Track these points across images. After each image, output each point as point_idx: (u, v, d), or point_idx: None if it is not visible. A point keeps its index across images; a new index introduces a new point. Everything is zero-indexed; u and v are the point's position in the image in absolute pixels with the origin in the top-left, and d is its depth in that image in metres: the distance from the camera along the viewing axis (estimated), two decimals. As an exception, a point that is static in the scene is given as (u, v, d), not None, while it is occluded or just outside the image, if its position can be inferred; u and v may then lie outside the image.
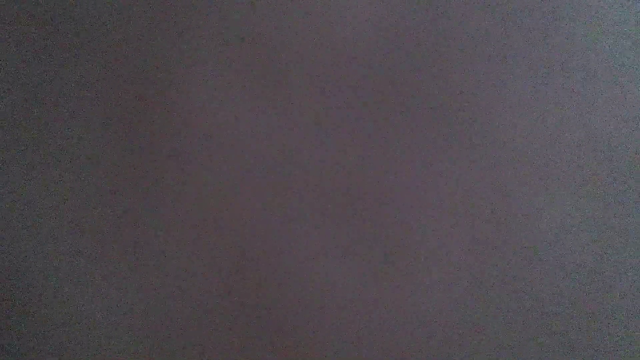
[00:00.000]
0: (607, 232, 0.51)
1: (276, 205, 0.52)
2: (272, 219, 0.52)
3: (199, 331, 0.53)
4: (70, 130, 0.53)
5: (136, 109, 0.52)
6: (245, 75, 0.52)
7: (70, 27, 0.53)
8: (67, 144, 0.53)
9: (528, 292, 0.51)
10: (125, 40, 0.53)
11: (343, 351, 0.52)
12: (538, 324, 0.51)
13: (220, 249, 0.52)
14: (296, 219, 0.52)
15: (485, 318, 0.51)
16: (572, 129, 0.51)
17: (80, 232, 0.53)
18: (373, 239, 0.52)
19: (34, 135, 0.53)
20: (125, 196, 0.53)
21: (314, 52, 0.52)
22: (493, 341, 0.52)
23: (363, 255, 0.52)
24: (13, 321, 0.53)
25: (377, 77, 0.52)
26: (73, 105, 0.53)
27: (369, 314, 0.52)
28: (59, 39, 0.53)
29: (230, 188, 0.52)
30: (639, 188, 0.51)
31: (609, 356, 0.51)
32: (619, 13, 0.51)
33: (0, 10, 0.53)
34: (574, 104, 0.51)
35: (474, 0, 0.51)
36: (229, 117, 0.52)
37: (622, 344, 0.51)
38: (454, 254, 0.51)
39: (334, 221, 0.52)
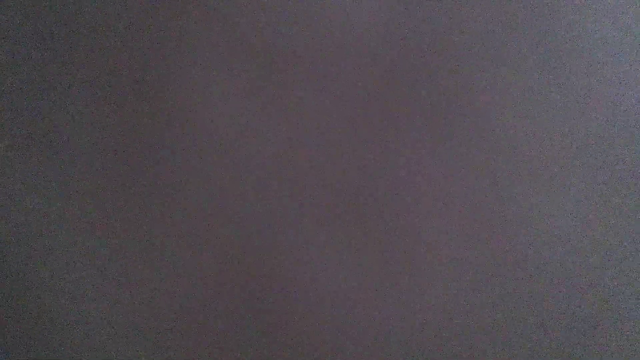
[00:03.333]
0: (608, 232, 0.51)
1: (276, 205, 0.52)
2: (272, 218, 0.52)
3: (199, 331, 0.53)
4: (68, 130, 0.53)
5: (135, 109, 0.53)
6: (245, 74, 0.52)
7: (70, 26, 0.53)
8: (66, 144, 0.53)
9: (528, 292, 0.51)
10: (124, 40, 0.53)
11: (344, 350, 0.52)
12: (538, 324, 0.51)
13: (220, 248, 0.52)
14: (296, 219, 0.52)
15: (485, 318, 0.51)
16: (572, 129, 0.51)
17: (79, 231, 0.53)
18: (373, 238, 0.52)
19: (32, 135, 0.53)
20: (123, 196, 0.53)
21: (314, 52, 0.52)
22: (492, 341, 0.52)
23: (363, 254, 0.52)
24: (13, 321, 0.53)
25: (377, 77, 0.52)
26: (71, 105, 0.53)
27: (369, 314, 0.52)
28: (58, 38, 0.53)
29: (231, 187, 0.52)
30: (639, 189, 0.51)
31: (609, 358, 0.51)
32: (619, 14, 0.51)
33: (1, 10, 0.53)
34: (574, 104, 0.51)
35: (474, 0, 0.52)
36: (229, 116, 0.52)
37: (622, 346, 0.51)
38: (453, 253, 0.51)
39: (333, 220, 0.52)
